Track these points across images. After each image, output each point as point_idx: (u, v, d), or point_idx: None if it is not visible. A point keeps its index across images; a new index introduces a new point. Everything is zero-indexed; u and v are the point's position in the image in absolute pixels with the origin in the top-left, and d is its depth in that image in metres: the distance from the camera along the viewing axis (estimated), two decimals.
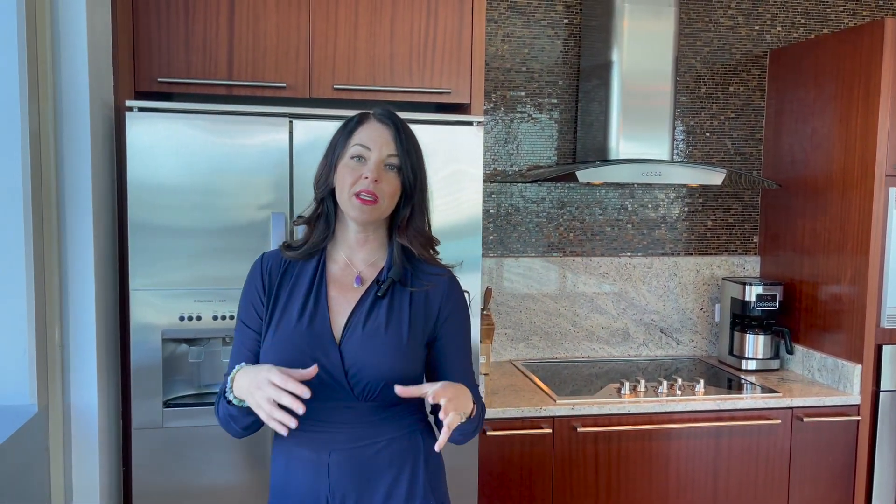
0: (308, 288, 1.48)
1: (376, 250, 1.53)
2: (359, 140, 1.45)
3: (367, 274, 1.52)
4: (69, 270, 1.96)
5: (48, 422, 1.90)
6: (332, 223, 1.51)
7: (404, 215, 1.49)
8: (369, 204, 1.42)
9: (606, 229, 3.16)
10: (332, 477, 1.45)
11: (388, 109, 1.51)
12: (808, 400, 2.67)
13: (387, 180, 1.44)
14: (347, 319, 1.47)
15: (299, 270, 1.51)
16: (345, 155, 1.46)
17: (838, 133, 2.79)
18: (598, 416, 2.53)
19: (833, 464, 2.71)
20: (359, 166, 1.44)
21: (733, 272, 3.27)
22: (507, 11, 3.02)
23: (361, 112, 1.51)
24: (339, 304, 1.49)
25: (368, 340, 1.45)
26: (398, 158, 1.45)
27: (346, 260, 1.52)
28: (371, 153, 1.44)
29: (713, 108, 3.22)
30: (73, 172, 1.94)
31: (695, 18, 3.16)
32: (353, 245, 1.52)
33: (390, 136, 1.46)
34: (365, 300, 1.49)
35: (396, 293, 1.50)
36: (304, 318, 1.46)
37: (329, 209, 1.51)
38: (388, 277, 1.49)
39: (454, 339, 1.56)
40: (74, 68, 1.92)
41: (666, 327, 3.24)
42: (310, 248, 1.51)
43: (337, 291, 1.50)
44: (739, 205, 3.27)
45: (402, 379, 1.45)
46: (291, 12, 2.26)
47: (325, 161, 1.50)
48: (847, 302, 2.76)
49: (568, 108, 3.10)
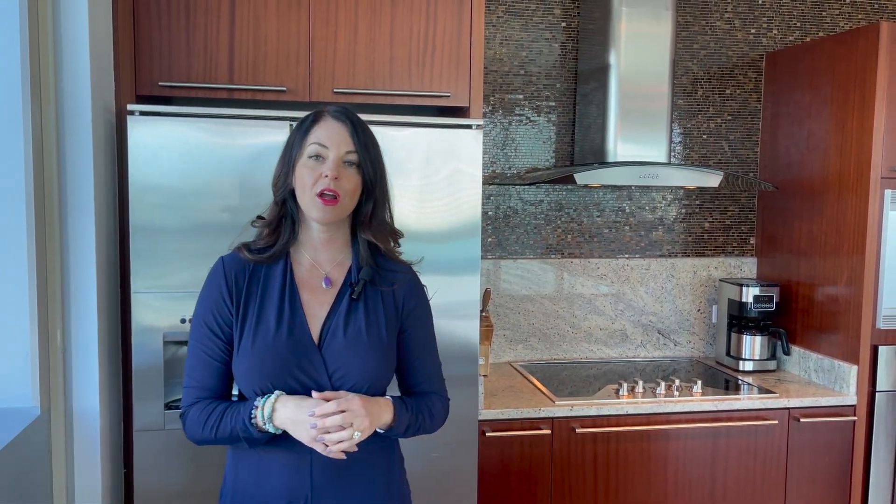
0: (280, 294, 1.46)
1: (341, 249, 1.52)
2: (316, 139, 1.43)
3: (335, 274, 1.51)
4: (71, 273, 1.97)
5: (50, 424, 1.91)
6: (298, 225, 1.50)
7: (367, 210, 1.48)
8: (331, 203, 1.41)
9: (604, 231, 3.18)
10: (314, 476, 1.44)
11: (342, 106, 1.49)
12: (804, 400, 2.69)
13: (347, 177, 1.43)
14: (324, 323, 1.47)
15: (265, 275, 1.48)
16: (302, 154, 1.44)
17: (834, 136, 2.81)
18: (597, 417, 2.55)
19: (830, 464, 2.72)
20: (317, 165, 1.42)
21: (730, 274, 3.29)
22: (506, 15, 3.04)
23: (315, 110, 1.49)
24: (312, 307, 1.48)
25: (352, 345, 1.45)
26: (357, 154, 1.44)
27: (311, 261, 1.51)
28: (329, 151, 1.43)
29: (710, 110, 3.24)
30: (75, 176, 1.95)
31: (691, 22, 3.18)
32: (317, 245, 1.51)
33: (347, 133, 1.44)
34: (340, 303, 1.48)
35: (369, 293, 1.50)
36: (282, 325, 1.44)
37: (292, 210, 1.48)
38: (361, 279, 1.49)
39: (419, 331, 1.57)
40: (76, 72, 1.93)
41: (663, 328, 3.25)
42: (276, 252, 1.48)
43: (308, 294, 1.48)
44: (736, 207, 3.29)
45: (384, 378, 1.49)
46: (291, 16, 2.28)
47: (283, 162, 1.48)
48: (843, 303, 2.78)
49: (566, 111, 3.12)
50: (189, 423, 1.47)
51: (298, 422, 1.37)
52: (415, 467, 2.29)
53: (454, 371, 2.29)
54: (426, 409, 1.57)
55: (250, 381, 1.43)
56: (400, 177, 2.20)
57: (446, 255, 2.25)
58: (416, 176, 2.21)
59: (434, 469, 2.30)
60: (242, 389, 1.46)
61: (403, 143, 2.19)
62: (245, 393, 1.46)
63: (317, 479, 1.45)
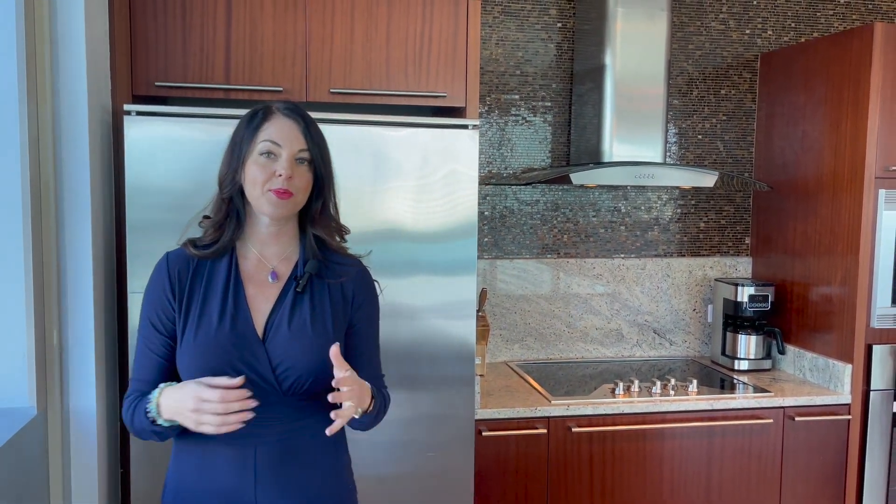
0: (224, 287, 1.46)
1: (288, 244, 1.52)
2: (267, 136, 1.42)
3: (282, 268, 1.51)
4: (68, 273, 1.97)
5: (47, 424, 1.91)
6: (244, 220, 1.49)
7: (317, 207, 1.49)
8: (285, 197, 1.41)
9: (600, 231, 3.19)
10: (259, 472, 1.44)
11: (291, 102, 1.49)
12: (799, 399, 2.70)
13: (299, 174, 1.43)
14: (269, 317, 1.47)
15: (210, 269, 1.48)
16: (253, 151, 1.43)
17: (828, 136, 2.83)
18: (593, 417, 2.55)
19: (824, 462, 2.74)
20: (269, 163, 1.42)
21: (725, 273, 3.30)
22: (501, 15, 3.05)
23: (264, 106, 1.47)
24: (257, 301, 1.47)
25: (296, 338, 1.45)
26: (309, 152, 1.45)
27: (258, 255, 1.50)
28: (281, 149, 1.42)
29: (705, 110, 3.25)
30: (72, 176, 1.95)
31: (686, 22, 3.20)
32: (264, 240, 1.50)
33: (299, 131, 1.44)
34: (285, 296, 1.48)
35: (315, 287, 1.50)
36: (225, 318, 1.44)
37: (238, 206, 1.48)
38: (306, 272, 1.49)
39: (365, 327, 1.57)
40: (73, 72, 1.92)
41: (659, 328, 3.26)
42: (221, 247, 1.48)
43: (254, 289, 1.48)
44: (731, 207, 3.31)
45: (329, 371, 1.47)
46: (288, 17, 2.28)
47: (230, 158, 1.46)
48: (837, 302, 2.79)
49: (562, 111, 3.12)
50: (123, 415, 1.48)
51: (181, 413, 1.35)
52: (411, 467, 2.30)
53: (451, 371, 2.30)
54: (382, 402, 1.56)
55: (192, 374, 1.42)
56: (396, 177, 2.20)
57: (443, 255, 2.26)
58: (412, 176, 2.21)
59: (430, 469, 2.30)
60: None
61: (400, 144, 2.20)
62: None
63: (261, 473, 1.44)
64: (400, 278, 2.23)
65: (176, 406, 1.36)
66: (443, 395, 2.30)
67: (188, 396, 1.34)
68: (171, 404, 1.37)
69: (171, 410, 1.37)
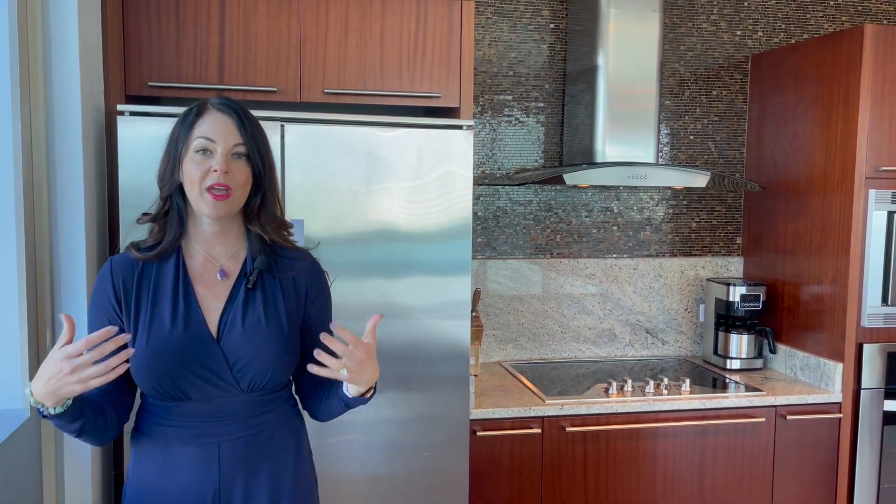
0: (173, 289, 1.44)
1: (235, 241, 1.50)
2: (201, 132, 1.40)
3: (230, 266, 1.49)
4: (61, 274, 1.96)
5: (40, 426, 1.90)
6: (185, 219, 1.47)
7: (255, 202, 1.46)
8: (222, 198, 1.39)
9: (593, 231, 3.20)
10: (223, 468, 1.43)
11: (226, 98, 1.46)
12: (791, 398, 2.72)
13: (237, 169, 1.41)
14: (221, 315, 1.45)
15: (157, 271, 1.45)
16: (188, 149, 1.40)
17: (819, 136, 2.85)
18: (587, 416, 2.56)
19: (816, 460, 2.76)
20: (205, 160, 1.40)
21: (717, 273, 3.32)
22: (494, 16, 3.05)
23: (199, 103, 1.45)
24: (208, 300, 1.45)
25: (251, 335, 1.43)
26: (245, 146, 1.42)
27: (205, 254, 1.48)
28: (216, 145, 1.40)
29: (696, 111, 3.26)
30: (65, 177, 1.94)
31: (678, 23, 3.21)
32: (209, 239, 1.48)
33: (234, 125, 1.41)
34: (236, 294, 1.47)
35: (266, 282, 1.48)
36: (177, 320, 1.42)
37: (179, 205, 1.45)
38: (255, 268, 1.47)
39: (321, 318, 1.56)
40: (66, 73, 1.92)
41: (651, 328, 3.28)
42: (164, 248, 1.45)
43: (203, 288, 1.46)
44: (723, 207, 3.32)
45: (287, 366, 1.48)
46: (282, 17, 2.28)
47: (168, 156, 1.44)
48: (828, 302, 2.81)
49: (554, 112, 3.13)
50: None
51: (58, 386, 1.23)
52: (406, 467, 2.30)
53: (446, 371, 2.30)
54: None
55: (148, 378, 1.40)
56: (391, 177, 2.20)
57: (437, 255, 2.26)
58: (406, 177, 2.21)
59: (425, 469, 2.30)
60: (142, 387, 1.44)
61: (394, 144, 2.20)
62: (145, 391, 1.44)
63: (225, 470, 1.43)
64: (394, 279, 2.23)
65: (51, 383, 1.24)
66: (437, 395, 2.30)
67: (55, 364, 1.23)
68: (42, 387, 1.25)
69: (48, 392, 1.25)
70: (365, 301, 2.22)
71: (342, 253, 2.20)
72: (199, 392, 1.42)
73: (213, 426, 1.43)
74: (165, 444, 1.43)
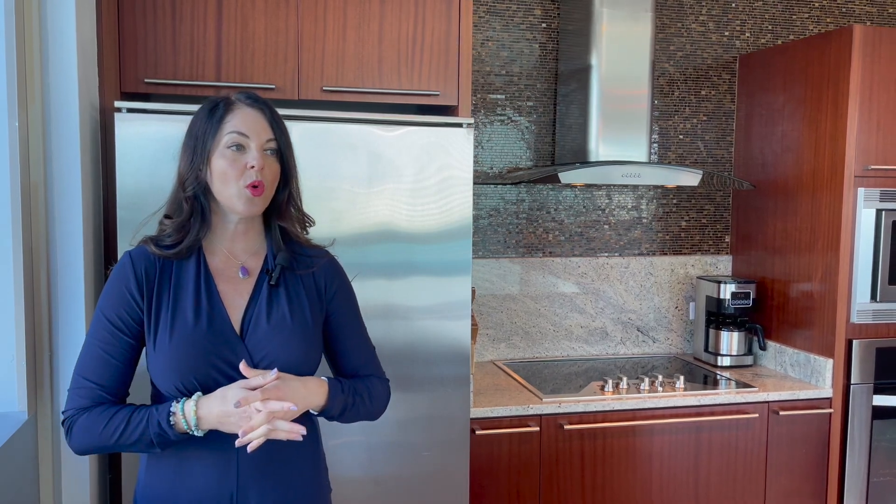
0: (195, 286, 1.41)
1: (256, 238, 1.49)
2: (233, 127, 1.37)
3: (251, 263, 1.47)
4: (58, 275, 1.91)
5: (37, 429, 1.86)
6: (209, 218, 1.43)
7: (283, 198, 1.45)
8: (258, 194, 1.37)
9: (584, 230, 3.22)
10: (241, 473, 1.40)
11: (252, 93, 1.44)
12: (783, 394, 2.75)
13: (269, 166, 1.40)
14: (245, 312, 1.43)
15: (178, 268, 1.42)
16: (218, 145, 1.37)
17: (808, 136, 2.89)
18: (584, 414, 2.57)
19: (807, 454, 2.80)
20: (238, 155, 1.37)
21: (706, 271, 3.35)
22: (487, 15, 3.06)
23: (224, 99, 1.41)
24: (231, 298, 1.43)
25: (276, 332, 1.42)
26: (276, 142, 1.41)
27: (227, 252, 1.46)
28: (250, 140, 1.37)
29: (686, 111, 3.30)
30: (63, 175, 1.90)
31: (668, 24, 3.24)
32: (232, 236, 1.46)
33: (265, 121, 1.40)
34: (259, 291, 1.45)
35: (289, 279, 1.47)
36: (200, 316, 1.39)
37: (203, 203, 1.41)
38: (278, 264, 1.45)
39: (345, 314, 1.55)
40: (63, 70, 1.88)
41: (642, 326, 3.30)
42: (185, 247, 1.41)
43: (226, 285, 1.44)
44: (711, 206, 3.36)
45: (312, 363, 1.46)
46: (280, 14, 2.25)
47: (192, 155, 1.39)
48: (818, 298, 2.85)
49: (546, 111, 3.14)
50: (80, 428, 1.37)
51: (226, 416, 1.32)
52: (407, 468, 2.29)
53: (446, 371, 2.30)
54: (365, 391, 1.53)
55: (170, 377, 1.37)
56: (391, 177, 2.19)
57: (438, 256, 2.25)
58: (406, 176, 2.20)
59: (426, 469, 2.29)
60: (162, 388, 1.40)
61: (394, 143, 2.19)
62: (164, 391, 1.39)
63: (243, 477, 1.40)
64: (395, 279, 2.22)
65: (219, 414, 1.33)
66: (438, 395, 2.29)
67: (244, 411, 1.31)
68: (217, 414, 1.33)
69: (212, 420, 1.34)
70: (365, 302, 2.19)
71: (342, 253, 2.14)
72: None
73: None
74: (180, 449, 1.40)
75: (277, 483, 1.44)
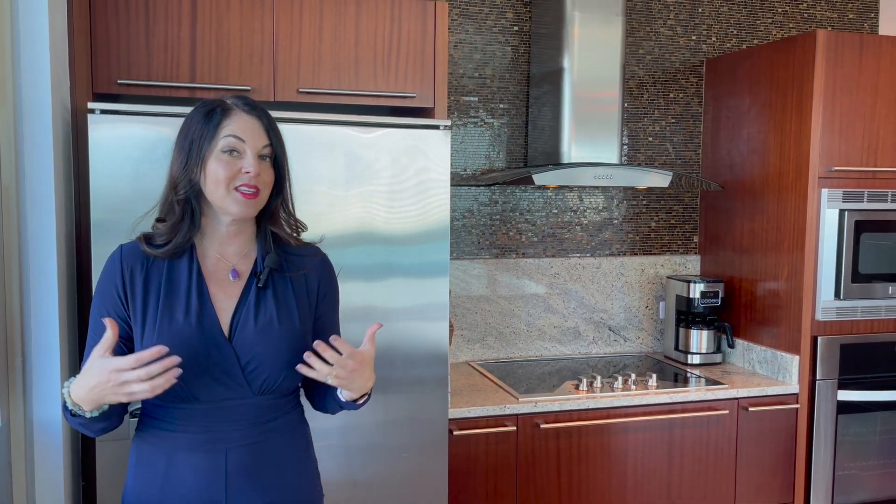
0: (187, 286, 1.42)
1: (247, 241, 1.50)
2: (230, 132, 1.38)
3: (242, 266, 1.48)
4: (31, 279, 1.88)
5: (10, 436, 1.83)
6: (199, 220, 1.44)
7: (277, 203, 1.47)
8: (252, 197, 1.39)
9: (557, 231, 3.25)
10: (229, 478, 1.40)
11: (248, 98, 1.45)
12: (752, 391, 2.82)
13: (264, 171, 1.41)
14: (233, 315, 1.44)
15: (169, 267, 1.43)
16: (214, 149, 1.38)
17: (773, 138, 2.96)
18: (560, 413, 2.60)
19: (775, 449, 2.86)
20: (233, 160, 1.38)
21: (675, 271, 3.41)
22: (460, 18, 3.07)
23: (220, 103, 1.42)
24: (220, 300, 1.44)
25: (263, 335, 1.43)
26: (271, 148, 1.43)
27: (217, 254, 1.47)
28: (246, 146, 1.39)
29: (655, 113, 3.35)
30: (35, 178, 1.86)
31: (637, 28, 3.29)
32: (224, 239, 1.47)
33: (261, 127, 1.42)
34: (248, 293, 1.46)
35: (278, 282, 1.48)
36: (190, 316, 1.40)
37: (194, 206, 1.42)
38: (266, 266, 1.47)
39: (331, 316, 1.57)
40: (35, 71, 1.85)
41: (614, 325, 3.35)
42: (175, 248, 1.42)
43: (215, 287, 1.45)
44: (680, 206, 3.42)
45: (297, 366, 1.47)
46: (255, 15, 2.24)
47: (187, 157, 1.39)
48: (784, 297, 2.92)
49: (518, 114, 3.17)
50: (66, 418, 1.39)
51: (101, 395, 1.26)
52: (385, 469, 2.29)
53: (425, 373, 2.30)
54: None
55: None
56: (368, 179, 2.19)
57: (416, 257, 2.26)
58: (384, 178, 2.21)
59: (405, 470, 2.30)
60: None
61: (371, 145, 2.19)
62: None
63: (232, 479, 1.41)
64: (374, 281, 2.22)
65: (95, 391, 1.26)
66: (416, 396, 2.30)
67: (102, 374, 1.25)
68: (85, 394, 1.27)
69: (91, 399, 1.28)
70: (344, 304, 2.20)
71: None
72: (208, 393, 1.39)
73: (220, 431, 1.40)
74: (169, 451, 1.39)
75: (266, 489, 1.44)
